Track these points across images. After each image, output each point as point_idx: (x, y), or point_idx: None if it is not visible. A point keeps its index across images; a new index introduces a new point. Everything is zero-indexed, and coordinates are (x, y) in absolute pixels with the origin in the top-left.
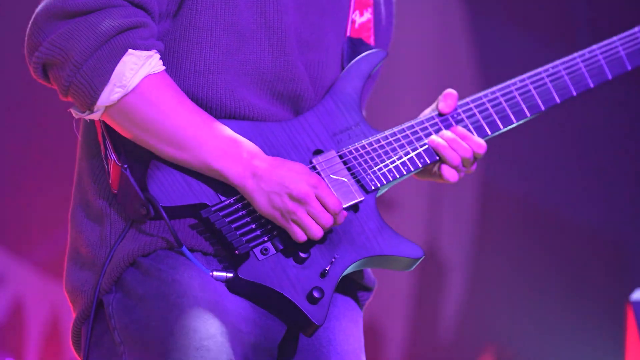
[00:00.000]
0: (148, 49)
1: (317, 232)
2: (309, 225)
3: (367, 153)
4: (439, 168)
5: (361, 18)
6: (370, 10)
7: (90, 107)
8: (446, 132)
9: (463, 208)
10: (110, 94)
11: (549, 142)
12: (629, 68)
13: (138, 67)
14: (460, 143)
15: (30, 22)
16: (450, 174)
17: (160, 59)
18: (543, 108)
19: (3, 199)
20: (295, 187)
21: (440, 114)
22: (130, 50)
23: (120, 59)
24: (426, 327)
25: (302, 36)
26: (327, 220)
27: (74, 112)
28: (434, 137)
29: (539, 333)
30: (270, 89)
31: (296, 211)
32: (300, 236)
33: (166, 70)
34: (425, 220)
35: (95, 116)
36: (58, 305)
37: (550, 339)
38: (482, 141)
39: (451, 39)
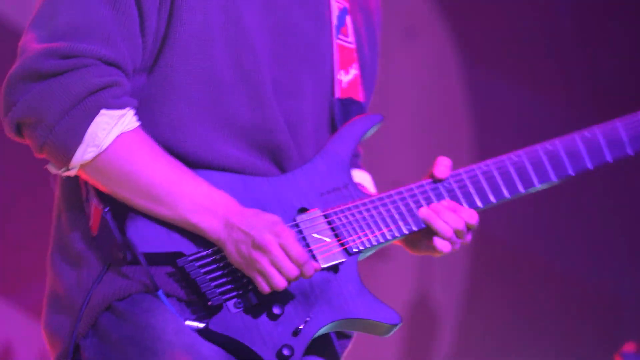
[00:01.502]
0: (121, 107)
1: (280, 283)
2: (271, 274)
3: (352, 215)
4: (432, 240)
5: (347, 76)
6: (355, 65)
7: (65, 164)
8: (436, 204)
9: (454, 255)
10: (84, 153)
11: (542, 192)
12: (631, 152)
13: (110, 126)
14: (450, 215)
15: (4, 82)
16: (442, 245)
17: (135, 114)
18: (537, 184)
19: None
20: (257, 235)
21: (431, 182)
22: (102, 111)
23: (92, 119)
24: None
25: (279, 84)
26: (291, 270)
27: (50, 169)
28: (423, 209)
29: None
30: (249, 140)
31: (259, 260)
32: (264, 287)
33: (143, 124)
34: (416, 268)
35: (70, 173)
36: (46, 348)
37: None
38: (473, 212)
39: (445, 87)
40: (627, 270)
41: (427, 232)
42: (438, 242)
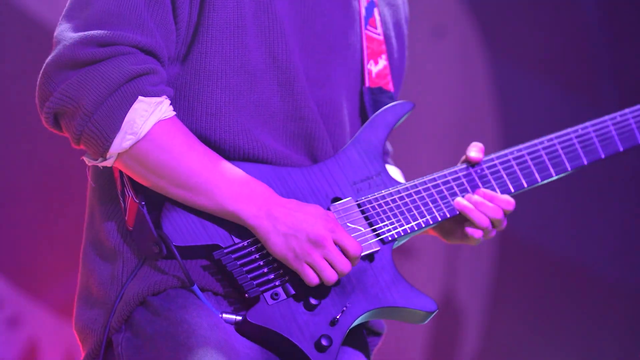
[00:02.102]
0: (158, 95)
1: (332, 277)
2: (323, 268)
3: (387, 204)
4: (466, 230)
5: (377, 67)
6: (384, 56)
7: (102, 154)
8: (472, 196)
9: (480, 256)
10: (122, 141)
11: (569, 192)
12: None
13: (149, 113)
14: (487, 205)
15: (40, 72)
16: (478, 234)
17: (170, 104)
18: (570, 169)
19: (19, 242)
20: (312, 230)
21: (464, 168)
22: (140, 97)
23: (130, 106)
24: None
25: (309, 73)
26: (345, 265)
27: (87, 160)
28: (459, 199)
29: None
30: (283, 129)
31: (312, 253)
32: (313, 279)
33: (178, 114)
34: (442, 268)
35: (108, 163)
36: (72, 348)
37: None
38: (509, 198)
39: (472, 85)
40: None
41: (460, 221)
42: (474, 231)
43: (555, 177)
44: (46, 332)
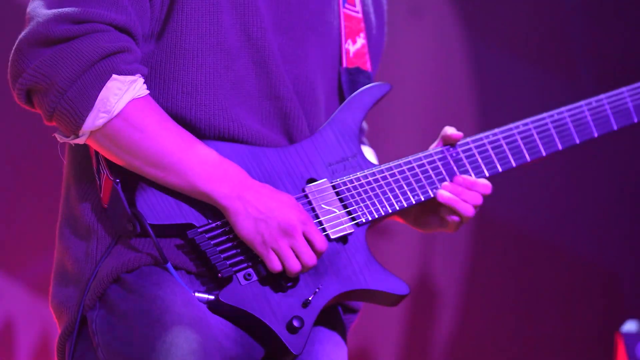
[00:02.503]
0: (132, 73)
1: (295, 267)
2: (289, 257)
3: (362, 186)
4: (446, 218)
5: (355, 46)
6: (362, 35)
7: (75, 132)
8: (452, 186)
9: (455, 236)
10: (95, 119)
11: (543, 171)
12: (636, 120)
13: (122, 92)
14: (468, 193)
15: (13, 49)
16: (456, 219)
17: (144, 83)
18: (544, 154)
19: None
20: (283, 219)
21: (438, 152)
22: (114, 76)
23: (104, 84)
24: (416, 355)
25: (284, 52)
26: (310, 257)
27: (59, 137)
28: (442, 192)
29: None
30: (259, 107)
31: (279, 241)
32: (276, 265)
33: (153, 92)
34: (417, 247)
35: (80, 140)
36: (48, 323)
37: None
38: (486, 182)
39: (448, 64)
40: (624, 248)
41: (434, 209)
42: (453, 217)
43: (529, 161)
44: (22, 310)
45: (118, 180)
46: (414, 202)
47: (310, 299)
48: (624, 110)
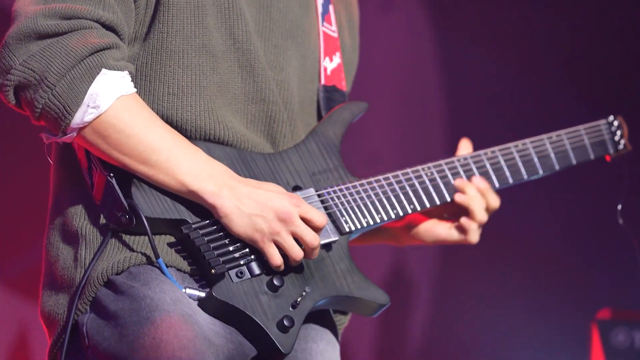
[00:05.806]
0: (121, 69)
1: (298, 254)
2: (291, 245)
3: (345, 196)
4: (457, 227)
5: (331, 64)
6: (338, 54)
7: (63, 129)
8: (472, 180)
9: None
10: (84, 115)
11: None
12: (592, 157)
13: (111, 87)
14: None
15: (0, 45)
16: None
17: (131, 81)
18: (511, 182)
19: None
20: (279, 207)
21: (411, 171)
22: (104, 70)
23: (93, 79)
24: (393, 345)
25: (268, 57)
26: (313, 237)
27: (46, 137)
28: (457, 181)
29: (505, 352)
30: (244, 110)
31: (280, 231)
32: (278, 260)
33: (139, 94)
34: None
35: (68, 139)
36: (27, 324)
37: (516, 359)
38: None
39: (420, 62)
40: (590, 241)
41: (411, 225)
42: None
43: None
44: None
45: (112, 174)
46: (393, 217)
47: (298, 300)
48: (581, 147)
